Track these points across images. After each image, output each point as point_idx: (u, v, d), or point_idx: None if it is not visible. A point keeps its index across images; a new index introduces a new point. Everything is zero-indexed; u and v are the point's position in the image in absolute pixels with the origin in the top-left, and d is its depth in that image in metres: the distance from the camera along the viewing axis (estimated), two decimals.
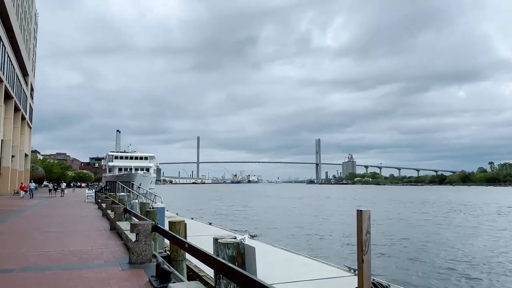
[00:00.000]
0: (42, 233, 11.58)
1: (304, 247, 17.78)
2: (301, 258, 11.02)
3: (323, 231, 24.32)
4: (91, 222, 14.98)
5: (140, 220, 10.13)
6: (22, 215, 17.58)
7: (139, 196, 24.90)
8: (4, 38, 36.91)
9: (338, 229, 25.46)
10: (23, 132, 56.62)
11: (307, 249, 16.91)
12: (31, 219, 15.91)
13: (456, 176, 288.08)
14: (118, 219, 12.73)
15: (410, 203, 58.03)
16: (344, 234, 23.01)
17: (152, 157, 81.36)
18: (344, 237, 21.78)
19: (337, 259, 14.17)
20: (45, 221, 15.11)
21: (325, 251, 17.43)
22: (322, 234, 23.24)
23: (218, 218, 30.73)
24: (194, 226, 17.63)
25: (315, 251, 16.94)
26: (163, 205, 11.33)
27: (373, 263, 4.41)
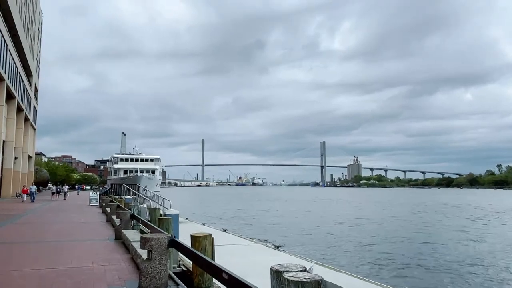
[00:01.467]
0: (37, 244, 9.98)
1: (385, 275, 13.59)
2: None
3: (373, 245, 20.33)
4: (94, 230, 13.39)
5: (151, 231, 8.52)
6: (19, 221, 16.04)
7: (146, 200, 23.34)
8: (6, 35, 35.65)
9: (389, 242, 21.17)
10: (26, 134, 55.36)
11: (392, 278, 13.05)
12: (27, 226, 14.35)
13: (463, 179, 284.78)
14: (124, 227, 11.14)
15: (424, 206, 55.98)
16: (410, 251, 18.62)
17: (157, 159, 79.82)
18: (415, 256, 17.21)
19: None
20: (43, 228, 13.54)
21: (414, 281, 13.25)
22: (374, 249, 19.09)
23: (230, 223, 28.89)
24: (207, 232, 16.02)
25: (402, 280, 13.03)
26: (177, 211, 9.68)
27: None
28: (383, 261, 15.61)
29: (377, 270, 14.21)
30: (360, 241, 21.51)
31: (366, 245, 19.98)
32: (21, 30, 45.09)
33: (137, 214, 13.49)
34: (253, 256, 10.45)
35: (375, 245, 20.12)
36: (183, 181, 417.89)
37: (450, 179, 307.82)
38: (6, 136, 41.58)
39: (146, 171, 73.37)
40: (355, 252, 17.82)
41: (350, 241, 21.41)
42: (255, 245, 12.91)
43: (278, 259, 10.48)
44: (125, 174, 72.69)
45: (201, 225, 18.80)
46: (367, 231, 25.54)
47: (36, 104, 66.12)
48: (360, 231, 25.73)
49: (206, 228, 17.78)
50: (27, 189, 30.34)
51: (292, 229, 26.09)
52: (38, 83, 67.00)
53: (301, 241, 20.65)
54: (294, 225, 28.76)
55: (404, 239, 22.08)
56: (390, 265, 15.03)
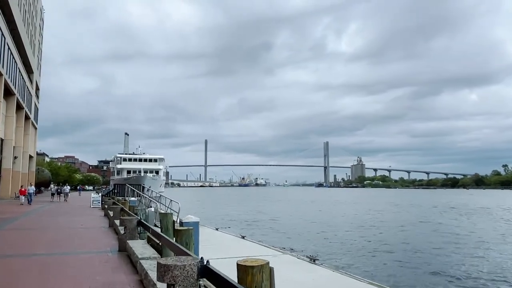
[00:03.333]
0: (22, 260, 8.05)
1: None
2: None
3: (425, 255, 17.19)
4: (94, 238, 11.46)
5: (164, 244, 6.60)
6: (9, 227, 14.16)
7: (152, 201, 21.40)
8: (3, 27, 33.88)
9: (439, 254, 17.78)
10: (27, 132, 53.62)
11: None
12: (17, 233, 12.46)
13: (469, 179, 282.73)
14: (129, 236, 9.20)
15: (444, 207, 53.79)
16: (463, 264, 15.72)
17: (161, 159, 78.04)
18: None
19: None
20: (35, 236, 11.64)
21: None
22: (433, 261, 15.99)
23: (244, 227, 26.68)
24: (223, 240, 14.05)
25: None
26: (196, 218, 7.70)
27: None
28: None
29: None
30: (405, 249, 18.73)
31: (415, 255, 17.26)
32: (20, 24, 43.35)
33: (145, 219, 11.59)
34: (289, 273, 8.49)
35: (425, 255, 17.34)
36: (186, 182, 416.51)
37: (456, 179, 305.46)
38: (5, 135, 39.88)
39: (149, 171, 71.64)
40: (412, 265, 15.25)
41: (395, 251, 18.52)
42: (284, 256, 10.93)
43: (321, 277, 8.51)
44: (128, 174, 70.99)
45: (214, 230, 16.81)
46: (407, 238, 22.52)
47: (38, 103, 64.40)
48: (398, 238, 22.94)
49: (221, 234, 15.81)
50: (25, 190, 28.34)
51: (316, 235, 23.49)
52: (39, 81, 65.32)
53: (335, 250, 17.77)
54: (316, 230, 25.85)
55: (456, 250, 19.19)
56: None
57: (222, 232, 16.37)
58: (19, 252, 8.87)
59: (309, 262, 9.96)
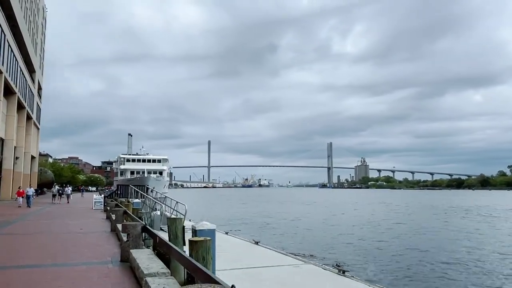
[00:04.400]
0: (5, 273, 6.84)
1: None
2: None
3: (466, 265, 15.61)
4: (93, 245, 10.25)
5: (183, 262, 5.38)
6: (3, 230, 12.99)
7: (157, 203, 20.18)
8: (3, 23, 32.83)
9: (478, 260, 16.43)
10: (29, 133, 52.68)
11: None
12: (7, 240, 11.26)
13: (474, 180, 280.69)
14: (133, 244, 7.98)
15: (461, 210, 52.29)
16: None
17: (165, 160, 76.87)
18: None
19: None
20: (26, 243, 10.44)
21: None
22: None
23: (254, 230, 25.14)
24: (236, 246, 12.80)
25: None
26: (212, 224, 6.47)
27: None
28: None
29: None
30: (443, 260, 16.79)
31: (453, 266, 15.47)
32: (21, 21, 42.36)
33: (150, 224, 10.39)
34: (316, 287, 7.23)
35: (464, 266, 15.59)
36: (189, 183, 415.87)
37: (461, 180, 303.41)
38: (5, 134, 38.88)
39: (153, 172, 70.51)
40: (452, 277, 13.71)
41: (426, 259, 16.69)
42: (306, 266, 9.67)
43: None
44: (132, 175, 69.92)
45: (224, 235, 15.56)
46: (439, 245, 20.70)
47: (40, 103, 63.48)
48: (426, 244, 21.13)
49: (232, 239, 14.55)
50: (23, 191, 26.98)
51: (334, 240, 21.67)
52: (42, 81, 64.41)
53: (360, 258, 16.02)
54: (333, 234, 24.12)
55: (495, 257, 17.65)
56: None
57: (233, 237, 15.11)
58: (3, 263, 7.66)
59: (338, 274, 8.71)
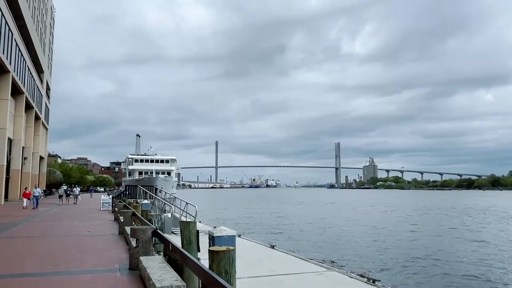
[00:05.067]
0: (3, 282, 6.16)
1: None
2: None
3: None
4: (100, 250, 9.55)
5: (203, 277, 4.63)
6: (4, 234, 12.38)
7: (166, 204, 19.53)
8: (10, 22, 32.47)
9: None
10: (37, 133, 52.55)
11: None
12: (9, 243, 10.63)
13: (485, 180, 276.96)
14: (143, 250, 7.25)
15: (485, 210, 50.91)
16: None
17: (173, 160, 76.41)
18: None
19: None
20: (29, 247, 9.78)
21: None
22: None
23: (266, 233, 24.35)
24: (251, 250, 12.02)
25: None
26: (232, 230, 5.68)
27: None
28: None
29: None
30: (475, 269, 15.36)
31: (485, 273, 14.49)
32: (29, 20, 42.13)
33: (160, 227, 9.67)
34: None
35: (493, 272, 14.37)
36: (197, 183, 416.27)
37: (471, 180, 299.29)
38: (13, 134, 38.57)
39: (161, 172, 70.09)
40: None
41: (465, 266, 15.38)
42: (331, 274, 8.85)
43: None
44: (140, 175, 69.61)
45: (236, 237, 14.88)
46: (468, 248, 19.79)
47: (48, 103, 63.46)
48: (460, 249, 19.85)
49: (246, 242, 13.76)
50: (29, 192, 26.19)
51: (354, 244, 20.40)
52: (50, 81, 64.36)
53: (385, 264, 14.75)
54: (352, 237, 22.98)
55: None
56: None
57: (247, 240, 14.32)
58: (1, 271, 6.97)
59: (367, 283, 7.89)
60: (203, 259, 5.96)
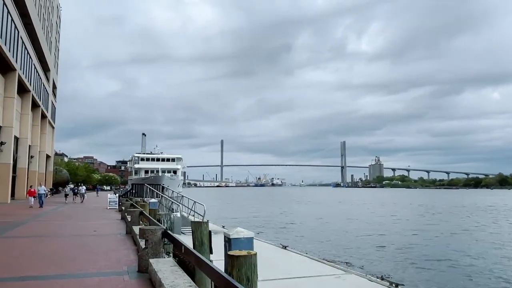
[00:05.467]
0: (1, 286, 5.76)
1: None
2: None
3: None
4: (107, 250, 9.14)
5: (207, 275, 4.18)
6: (10, 233, 12.04)
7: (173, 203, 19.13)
8: (16, 19, 32.26)
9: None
10: (43, 132, 52.51)
11: None
12: (13, 244, 10.26)
13: (493, 179, 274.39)
14: (152, 252, 6.82)
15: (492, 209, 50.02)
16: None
17: (179, 159, 76.11)
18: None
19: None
20: (33, 248, 9.39)
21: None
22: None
23: (276, 232, 23.72)
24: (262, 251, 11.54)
25: None
26: (249, 232, 5.19)
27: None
28: None
29: None
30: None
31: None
32: (35, 19, 41.97)
33: (169, 227, 9.25)
34: None
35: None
36: (202, 182, 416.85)
37: (478, 179, 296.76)
38: (20, 133, 38.43)
39: (167, 171, 69.79)
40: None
41: (487, 268, 14.53)
42: (349, 277, 8.36)
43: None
44: (146, 174, 69.37)
45: None
46: (487, 248, 19.16)
47: (55, 102, 63.48)
48: (480, 249, 19.10)
49: (257, 242, 13.31)
50: (34, 191, 25.82)
51: (368, 245, 19.56)
52: (57, 80, 64.37)
53: (407, 268, 13.96)
54: (365, 238, 22.14)
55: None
56: None
57: (258, 240, 13.86)
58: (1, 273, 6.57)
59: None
60: (215, 261, 5.53)
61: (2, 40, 28.33)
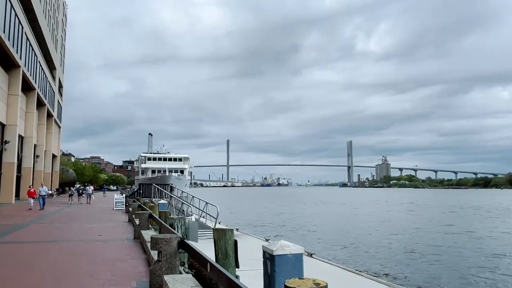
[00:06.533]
0: None
1: None
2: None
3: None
4: (113, 260, 7.94)
5: None
6: (7, 238, 10.92)
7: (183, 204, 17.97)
8: (21, 15, 31.37)
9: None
10: (49, 131, 51.75)
11: None
12: (11, 249, 9.13)
13: (503, 179, 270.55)
14: (167, 266, 5.63)
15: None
16: None
17: (186, 158, 75.15)
18: None
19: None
20: (29, 257, 8.23)
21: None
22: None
23: (294, 237, 22.25)
24: None
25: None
26: (298, 247, 3.94)
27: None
28: None
29: None
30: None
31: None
32: (41, 15, 41.11)
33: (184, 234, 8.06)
34: None
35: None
36: (209, 182, 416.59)
37: (488, 179, 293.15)
38: (25, 132, 37.61)
39: (174, 170, 68.85)
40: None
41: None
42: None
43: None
44: (153, 174, 68.47)
45: (264, 241, 13.22)
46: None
47: (61, 101, 62.77)
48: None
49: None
50: (34, 191, 23.76)
51: (400, 252, 18.04)
52: (63, 79, 63.67)
53: (439, 276, 12.84)
54: (392, 243, 20.71)
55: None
56: None
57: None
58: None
59: None
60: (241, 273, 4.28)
61: (5, 35, 27.41)
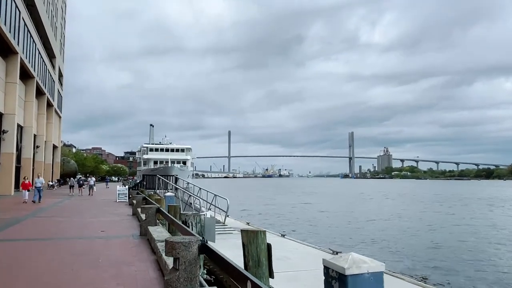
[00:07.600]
0: None
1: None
2: None
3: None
4: (118, 261, 6.88)
5: None
6: (1, 234, 9.89)
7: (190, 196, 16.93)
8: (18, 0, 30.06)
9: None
10: (50, 121, 50.65)
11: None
12: (2, 249, 8.06)
13: (505, 170, 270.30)
14: (186, 276, 4.56)
15: None
16: None
17: (189, 149, 74.20)
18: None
19: None
20: (24, 256, 7.18)
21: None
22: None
23: (309, 231, 21.15)
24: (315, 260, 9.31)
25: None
26: (379, 263, 2.85)
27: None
28: None
29: None
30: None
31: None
32: (39, 1, 39.68)
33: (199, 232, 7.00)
34: None
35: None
36: (210, 173, 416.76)
37: (490, 170, 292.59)
38: (24, 121, 36.52)
39: (177, 161, 67.96)
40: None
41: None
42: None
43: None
44: (155, 165, 67.57)
45: (281, 238, 12.20)
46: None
47: (61, 90, 61.53)
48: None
49: (297, 245, 11.05)
50: (29, 183, 22.24)
51: (430, 250, 16.96)
52: (63, 68, 62.32)
53: (466, 273, 12.35)
54: (421, 240, 19.71)
55: None
56: None
57: (297, 242, 11.59)
58: None
59: None
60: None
61: (1, 19, 26.15)
